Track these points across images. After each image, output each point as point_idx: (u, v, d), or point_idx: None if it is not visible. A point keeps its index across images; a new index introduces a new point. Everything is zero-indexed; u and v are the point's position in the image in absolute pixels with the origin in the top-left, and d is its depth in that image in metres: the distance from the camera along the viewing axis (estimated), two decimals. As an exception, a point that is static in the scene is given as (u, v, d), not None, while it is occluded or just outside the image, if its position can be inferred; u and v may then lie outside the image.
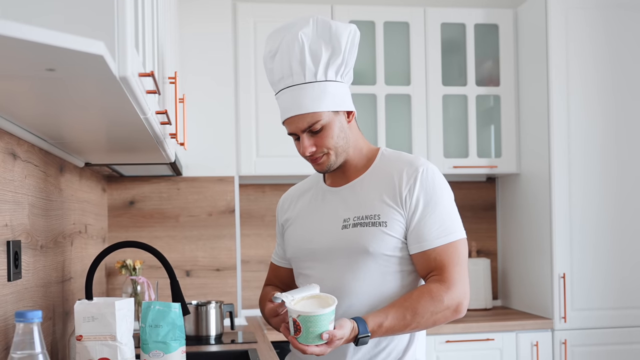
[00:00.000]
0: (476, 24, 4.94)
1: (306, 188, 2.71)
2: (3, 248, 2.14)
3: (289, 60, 2.40)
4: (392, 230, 2.42)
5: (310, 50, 2.39)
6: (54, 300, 2.82)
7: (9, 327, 2.17)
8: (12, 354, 1.71)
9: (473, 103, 4.92)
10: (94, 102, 1.87)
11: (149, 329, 2.28)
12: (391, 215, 2.42)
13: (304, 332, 2.20)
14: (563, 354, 4.52)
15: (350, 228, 2.45)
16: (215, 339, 3.80)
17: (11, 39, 1.23)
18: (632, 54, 4.64)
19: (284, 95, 2.44)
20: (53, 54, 1.35)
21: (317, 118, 2.39)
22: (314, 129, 2.40)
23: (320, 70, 2.40)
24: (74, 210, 3.29)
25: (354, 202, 2.49)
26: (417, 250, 2.42)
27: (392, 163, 2.51)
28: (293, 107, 2.40)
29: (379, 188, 2.47)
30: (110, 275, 4.51)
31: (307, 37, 2.38)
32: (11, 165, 2.23)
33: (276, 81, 2.47)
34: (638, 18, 4.63)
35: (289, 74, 2.41)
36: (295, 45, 2.38)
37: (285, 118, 2.45)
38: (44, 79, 1.56)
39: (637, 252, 4.62)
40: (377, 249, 2.42)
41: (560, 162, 4.57)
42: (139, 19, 1.89)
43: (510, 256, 5.18)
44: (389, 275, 2.46)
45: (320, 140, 2.42)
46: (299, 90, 2.39)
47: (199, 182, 4.60)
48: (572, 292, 4.55)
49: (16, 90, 1.70)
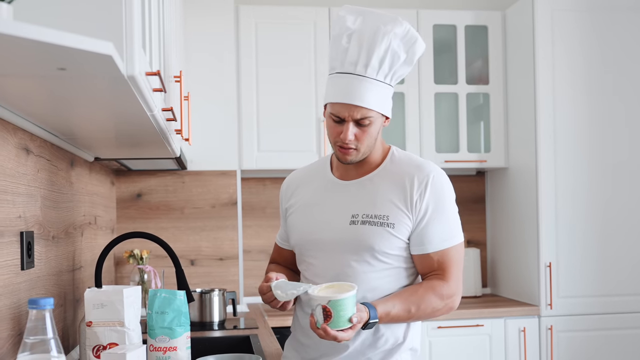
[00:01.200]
0: (466, 26, 4.93)
1: (311, 175, 2.65)
2: (17, 238, 2.14)
3: (370, 52, 2.31)
4: (399, 232, 2.40)
5: (393, 53, 2.32)
6: (65, 288, 2.82)
7: (22, 313, 2.17)
8: (25, 339, 1.72)
9: (463, 100, 4.92)
10: (103, 99, 1.87)
11: (155, 315, 2.28)
12: (399, 218, 2.39)
13: (334, 318, 2.17)
14: (549, 339, 4.53)
15: (359, 225, 2.42)
16: (218, 325, 3.80)
17: (24, 39, 1.23)
18: (614, 54, 4.64)
19: (349, 79, 2.34)
20: (64, 54, 1.35)
21: (371, 114, 2.34)
22: (362, 123, 2.35)
23: (390, 74, 2.36)
24: (84, 203, 3.29)
25: (364, 199, 2.45)
26: (419, 252, 2.42)
27: (403, 165, 2.47)
28: (355, 95, 2.31)
29: (389, 189, 2.44)
30: (119, 264, 4.51)
31: (395, 39, 2.31)
32: (24, 159, 2.23)
33: (343, 63, 2.36)
34: (619, 20, 4.64)
35: (364, 63, 2.31)
36: (383, 41, 2.30)
37: (341, 102, 2.34)
38: (55, 77, 1.56)
39: (620, 242, 4.62)
40: (382, 248, 2.40)
41: (547, 156, 4.57)
42: (145, 20, 1.89)
43: (499, 246, 5.18)
44: (390, 271, 2.45)
45: (361, 134, 2.36)
46: (367, 82, 2.32)
47: (203, 175, 4.61)
48: (557, 280, 4.56)
49: (29, 89, 1.70)
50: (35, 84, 1.64)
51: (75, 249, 3.04)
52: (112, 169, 4.28)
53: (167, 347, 2.26)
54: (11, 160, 2.09)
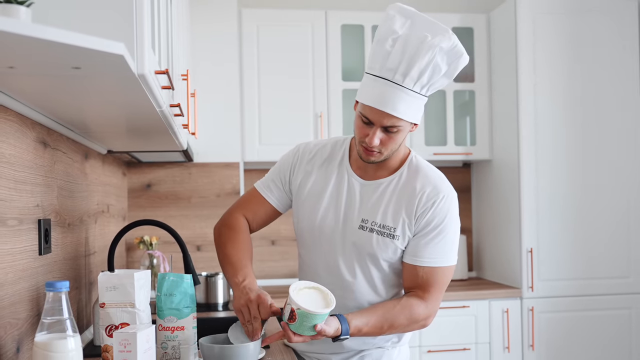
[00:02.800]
0: (453, 27, 4.92)
1: (330, 159, 2.49)
2: (35, 225, 2.14)
3: (412, 62, 2.14)
4: (401, 244, 2.34)
5: (435, 66, 2.16)
6: (79, 271, 2.83)
7: (40, 295, 2.17)
8: (43, 319, 1.72)
9: (451, 97, 4.92)
10: (115, 96, 1.87)
11: (164, 297, 2.28)
12: (404, 231, 2.33)
13: (297, 323, 2.10)
14: (530, 320, 4.54)
15: (367, 231, 2.35)
16: (222, 306, 3.81)
17: (42, 40, 1.23)
18: (591, 53, 4.64)
19: (384, 85, 2.17)
20: (78, 53, 1.35)
21: (400, 124, 2.20)
22: (391, 130, 2.21)
23: (427, 86, 2.20)
24: (98, 192, 3.29)
25: (375, 206, 2.36)
26: (409, 262, 2.35)
27: (419, 177, 2.38)
28: (388, 103, 2.15)
29: (400, 200, 2.35)
30: (130, 249, 4.51)
31: (440, 53, 2.16)
32: (42, 152, 2.23)
33: (386, 67, 2.18)
34: (593, 21, 4.64)
35: (404, 72, 2.15)
36: (427, 54, 2.14)
37: (373, 106, 2.18)
38: (70, 76, 1.56)
39: (597, 229, 4.63)
40: (385, 257, 2.36)
41: (528, 149, 4.58)
42: (155, 22, 1.89)
43: (484, 233, 5.19)
44: (387, 275, 2.41)
45: (387, 140, 2.24)
46: (401, 92, 2.16)
47: (208, 167, 4.60)
48: (538, 264, 4.57)
49: (46, 86, 1.70)
50: (51, 81, 1.64)
51: (89, 235, 3.04)
52: (123, 161, 4.28)
53: (175, 326, 2.26)
54: (30, 152, 2.09)
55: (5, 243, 1.85)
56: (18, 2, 1.33)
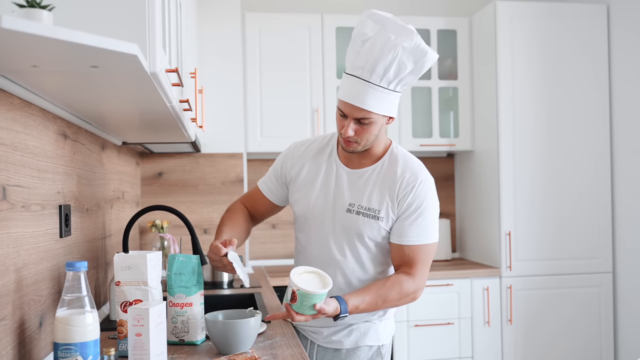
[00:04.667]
0: (438, 30, 4.93)
1: (319, 152, 2.55)
2: (56, 211, 2.14)
3: (377, 60, 2.19)
4: (385, 224, 2.37)
5: (399, 64, 2.19)
6: (97, 253, 2.83)
7: (61, 274, 2.17)
8: (63, 296, 1.72)
9: (436, 93, 4.92)
10: (129, 92, 1.87)
11: (174, 276, 2.28)
12: (387, 212, 2.36)
13: (298, 303, 2.15)
14: (509, 297, 4.56)
15: (353, 214, 2.39)
16: (227, 284, 3.81)
17: (62, 42, 1.23)
18: (563, 53, 4.65)
19: (354, 82, 2.23)
20: (96, 53, 1.35)
21: (370, 116, 2.25)
22: (363, 122, 2.27)
23: (394, 82, 2.23)
24: (113, 180, 3.29)
25: (361, 191, 2.40)
26: (395, 242, 2.38)
27: (399, 164, 2.41)
28: (357, 98, 2.22)
29: (383, 185, 2.39)
30: (143, 232, 4.51)
31: (403, 52, 2.18)
32: (62, 144, 2.23)
33: (355, 65, 2.24)
34: (565, 25, 4.64)
35: (370, 69, 2.20)
36: (390, 53, 2.17)
37: (346, 101, 2.26)
38: (88, 74, 1.56)
39: (569, 214, 4.65)
40: (370, 236, 2.39)
41: (507, 141, 4.58)
42: (165, 25, 1.89)
43: (466, 217, 5.19)
44: (374, 255, 2.44)
45: (361, 131, 2.29)
46: (369, 87, 2.21)
47: (214, 157, 4.60)
48: (516, 246, 4.58)
49: (66, 83, 1.70)
50: (71, 79, 1.64)
51: (106, 219, 3.05)
52: (137, 151, 4.28)
53: (184, 303, 2.27)
54: (51, 144, 2.09)
55: (29, 227, 1.85)
56: (41, 6, 1.33)
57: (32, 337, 1.87)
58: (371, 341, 2.49)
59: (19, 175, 1.77)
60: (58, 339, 1.69)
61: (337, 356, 2.48)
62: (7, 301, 1.67)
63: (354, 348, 2.48)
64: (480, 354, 4.55)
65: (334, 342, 2.48)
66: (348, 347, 2.47)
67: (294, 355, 2.11)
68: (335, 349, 2.49)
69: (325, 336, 2.49)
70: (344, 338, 2.47)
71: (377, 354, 2.51)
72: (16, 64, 1.44)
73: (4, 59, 1.39)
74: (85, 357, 1.68)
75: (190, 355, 2.13)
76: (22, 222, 1.80)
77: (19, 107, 1.78)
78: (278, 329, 2.49)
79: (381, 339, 2.52)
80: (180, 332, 2.27)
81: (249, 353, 2.01)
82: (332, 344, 2.48)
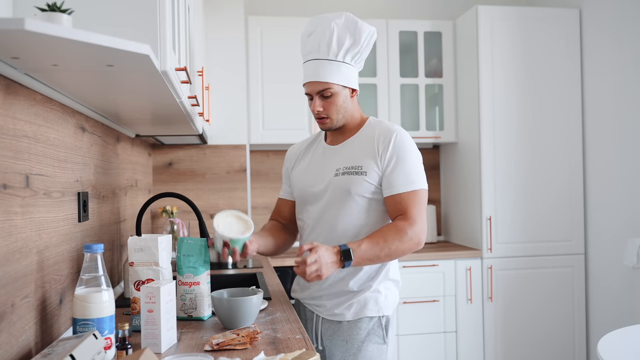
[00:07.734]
0: (425, 32, 4.92)
1: (310, 146, 2.65)
2: (75, 197, 2.14)
3: (319, 40, 2.35)
4: (370, 178, 2.36)
5: (337, 36, 2.34)
6: (112, 236, 2.83)
7: (79, 256, 2.18)
8: (81, 275, 1.73)
9: (423, 90, 4.91)
10: (142, 89, 1.87)
11: (182, 257, 2.29)
12: (370, 167, 2.36)
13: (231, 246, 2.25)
14: (489, 276, 4.57)
15: (340, 176, 2.40)
16: (232, 265, 3.82)
17: (81, 43, 1.23)
18: (540, 53, 4.64)
19: (309, 65, 2.39)
20: (111, 54, 1.35)
21: (329, 87, 2.36)
22: (325, 94, 2.37)
23: (340, 53, 2.35)
24: (127, 170, 3.29)
25: (345, 157, 2.44)
26: (387, 194, 2.36)
27: (375, 129, 2.45)
28: (313, 74, 2.37)
29: (363, 146, 2.42)
30: (154, 217, 4.51)
31: (337, 26, 2.35)
32: (80, 136, 2.23)
33: (306, 53, 2.41)
34: (541, 28, 4.64)
35: (316, 49, 2.36)
36: (326, 30, 2.34)
37: (306, 82, 2.41)
38: (104, 72, 1.56)
39: (544, 200, 4.65)
40: (357, 191, 2.37)
41: (487, 134, 4.59)
42: (175, 27, 1.89)
43: (450, 203, 5.20)
44: (366, 212, 2.40)
45: (327, 105, 2.39)
46: (320, 63, 2.35)
47: (220, 148, 4.60)
48: (496, 230, 4.59)
49: (84, 81, 1.70)
50: (88, 77, 1.64)
51: (120, 205, 3.05)
52: (149, 143, 4.27)
53: (192, 282, 2.27)
54: (70, 136, 2.09)
55: (50, 212, 1.86)
56: (61, 10, 1.33)
57: (53, 313, 1.88)
58: (371, 312, 2.46)
59: (41, 165, 1.77)
60: (77, 314, 1.69)
61: (340, 328, 2.47)
62: (30, 280, 1.67)
63: (355, 320, 2.46)
64: (464, 329, 4.56)
65: (336, 315, 2.47)
66: (349, 319, 2.46)
67: (292, 329, 2.12)
68: (338, 322, 2.48)
69: (328, 309, 2.49)
70: (345, 310, 2.46)
71: (378, 324, 2.49)
72: (38, 63, 1.44)
73: (28, 59, 1.39)
74: (101, 332, 1.69)
75: (197, 330, 2.14)
76: (44, 207, 1.80)
77: (41, 102, 1.78)
78: (278, 305, 2.50)
79: (382, 309, 2.48)
80: (188, 308, 2.27)
81: (252, 328, 2.02)
82: (335, 317, 2.47)
